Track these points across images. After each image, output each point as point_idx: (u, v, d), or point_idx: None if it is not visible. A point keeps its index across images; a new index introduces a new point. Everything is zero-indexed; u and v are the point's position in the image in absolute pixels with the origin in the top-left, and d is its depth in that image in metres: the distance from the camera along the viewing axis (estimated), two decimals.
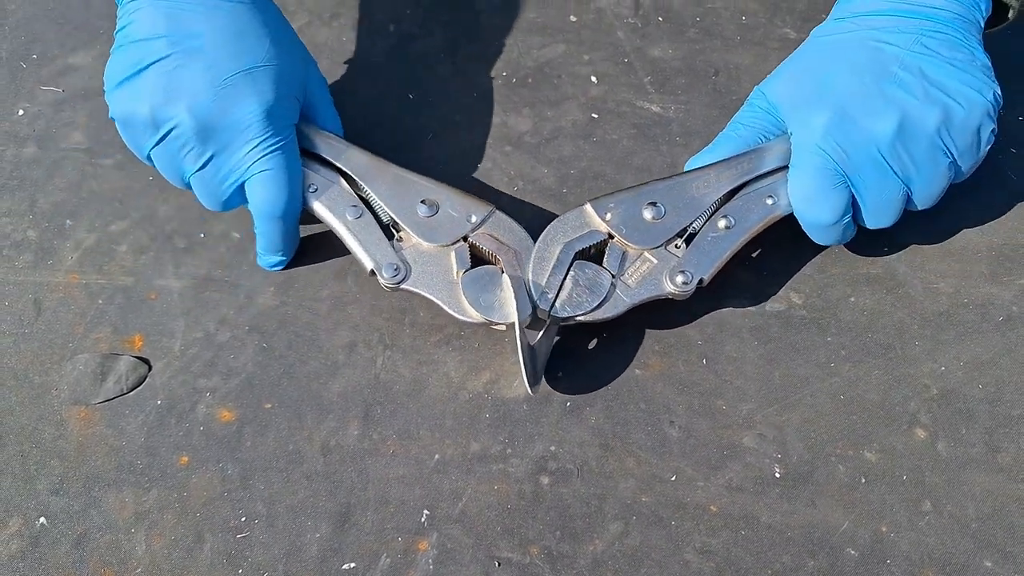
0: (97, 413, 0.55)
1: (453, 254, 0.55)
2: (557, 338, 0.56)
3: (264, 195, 0.55)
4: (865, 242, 0.60)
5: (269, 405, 0.55)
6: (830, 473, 0.53)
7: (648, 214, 0.56)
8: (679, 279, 0.54)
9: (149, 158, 0.56)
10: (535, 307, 0.54)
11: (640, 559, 0.50)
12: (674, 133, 0.66)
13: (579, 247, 0.55)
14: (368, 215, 0.57)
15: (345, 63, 0.70)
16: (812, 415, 0.55)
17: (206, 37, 0.54)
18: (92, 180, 0.64)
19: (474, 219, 0.56)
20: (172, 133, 0.53)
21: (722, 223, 0.56)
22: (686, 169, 0.58)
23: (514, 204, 0.63)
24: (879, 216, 0.56)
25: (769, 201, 0.56)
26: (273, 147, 0.55)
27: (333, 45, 0.71)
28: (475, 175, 0.65)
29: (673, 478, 0.53)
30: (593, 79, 0.68)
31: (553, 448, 0.54)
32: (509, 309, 0.53)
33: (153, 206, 0.62)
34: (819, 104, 0.55)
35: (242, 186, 0.56)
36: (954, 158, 0.54)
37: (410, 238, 0.56)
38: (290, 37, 0.59)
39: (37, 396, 0.55)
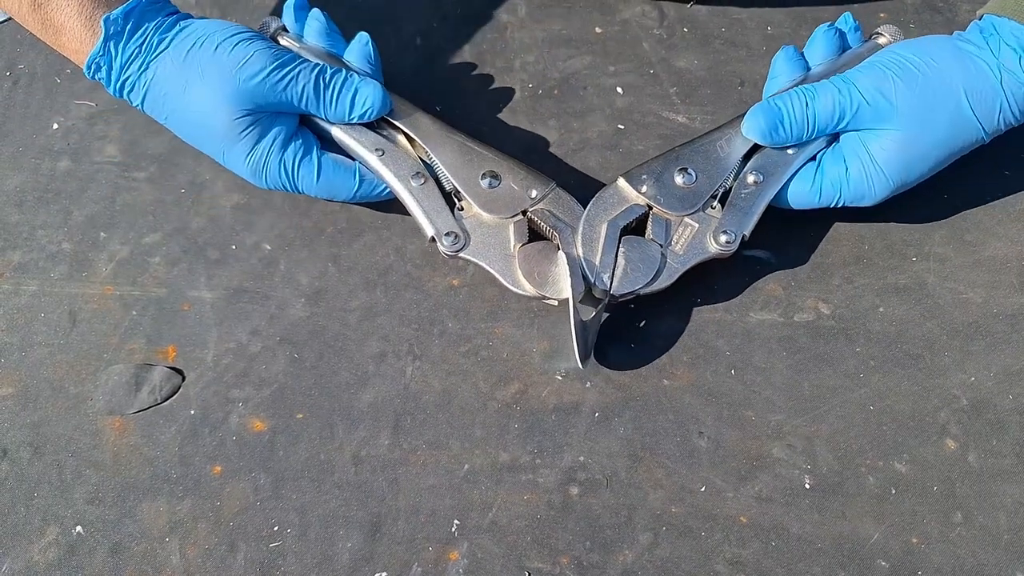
0: (132, 423, 0.56)
1: (512, 227, 0.57)
2: (607, 315, 0.57)
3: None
4: (893, 252, 0.60)
5: (301, 415, 0.56)
6: (860, 484, 0.53)
7: (680, 180, 0.57)
8: (722, 239, 0.56)
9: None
10: (590, 286, 0.55)
11: (670, 570, 0.51)
12: None
13: (623, 223, 0.56)
14: (431, 182, 0.58)
15: None
16: (841, 426, 0.55)
17: None
18: (125, 193, 0.65)
19: (534, 194, 0.58)
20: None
21: (751, 179, 0.57)
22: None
23: None
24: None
25: (791, 152, 0.58)
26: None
27: None
28: None
29: (702, 489, 0.53)
30: (619, 90, 0.69)
31: (582, 458, 0.54)
32: (563, 285, 0.55)
33: (185, 218, 0.63)
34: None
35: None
36: None
37: (471, 208, 0.58)
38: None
39: (73, 406, 0.56)
